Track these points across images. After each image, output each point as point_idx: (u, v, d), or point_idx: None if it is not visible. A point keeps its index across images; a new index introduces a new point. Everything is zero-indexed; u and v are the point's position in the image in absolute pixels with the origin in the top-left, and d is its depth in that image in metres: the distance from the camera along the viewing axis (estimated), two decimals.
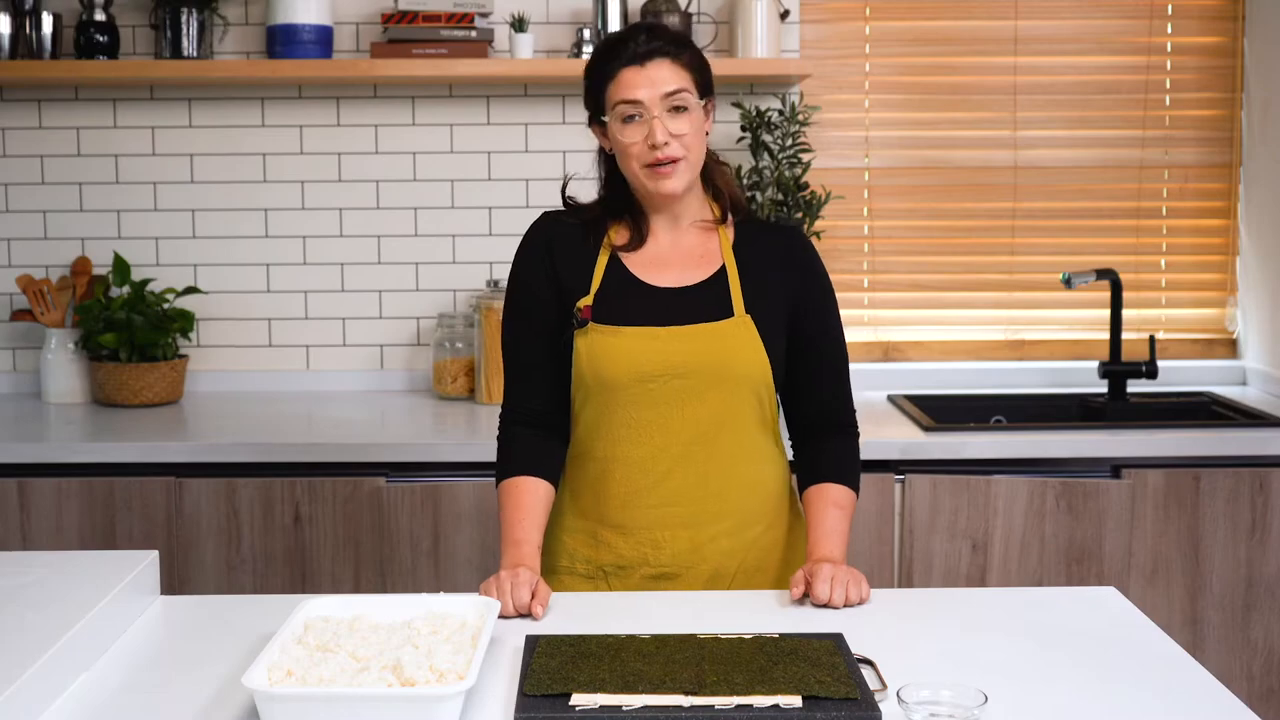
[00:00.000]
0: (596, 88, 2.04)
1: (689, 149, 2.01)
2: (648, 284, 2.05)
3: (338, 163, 3.53)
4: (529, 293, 2.10)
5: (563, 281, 2.07)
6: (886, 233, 3.62)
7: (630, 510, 2.04)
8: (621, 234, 2.10)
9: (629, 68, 2.00)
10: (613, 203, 2.11)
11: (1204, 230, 3.65)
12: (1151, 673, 1.65)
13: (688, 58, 2.03)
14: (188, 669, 1.66)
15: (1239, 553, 2.93)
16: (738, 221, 2.13)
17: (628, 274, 2.06)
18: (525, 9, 3.45)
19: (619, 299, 2.04)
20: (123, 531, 2.90)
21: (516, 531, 2.01)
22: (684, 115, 2.00)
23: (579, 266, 2.07)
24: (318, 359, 3.58)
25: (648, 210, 2.09)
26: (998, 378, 3.58)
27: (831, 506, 2.05)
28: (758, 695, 1.50)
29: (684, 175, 2.02)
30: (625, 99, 1.99)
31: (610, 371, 2.01)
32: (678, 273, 2.07)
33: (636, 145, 2.00)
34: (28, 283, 3.43)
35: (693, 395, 2.01)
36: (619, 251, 2.07)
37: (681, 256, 2.08)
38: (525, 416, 2.10)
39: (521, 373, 2.11)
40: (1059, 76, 3.60)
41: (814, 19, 3.56)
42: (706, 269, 2.07)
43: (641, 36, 2.01)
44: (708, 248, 2.09)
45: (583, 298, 2.04)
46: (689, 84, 2.01)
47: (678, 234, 2.09)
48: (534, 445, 2.08)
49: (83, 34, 3.36)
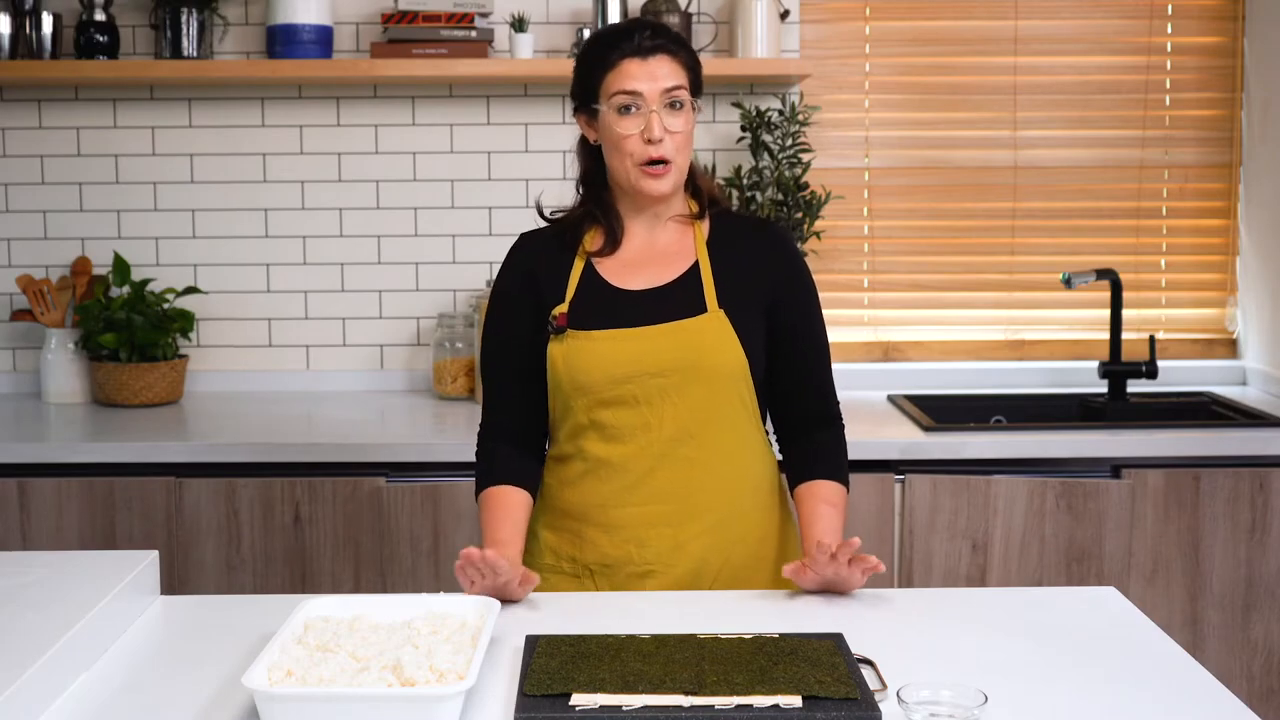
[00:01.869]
0: (592, 76, 2.05)
1: (681, 150, 2.03)
2: (621, 289, 2.07)
3: (338, 163, 3.53)
4: (508, 313, 2.12)
5: (541, 296, 2.09)
6: (886, 233, 3.62)
7: (614, 509, 2.04)
8: (596, 239, 2.11)
9: (632, 59, 2.01)
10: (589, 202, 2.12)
11: (1204, 230, 3.65)
12: (1151, 673, 1.65)
13: (686, 57, 2.06)
14: (188, 669, 1.66)
15: (1239, 553, 2.93)
16: (714, 214, 2.14)
17: (601, 281, 2.07)
18: (525, 9, 3.45)
19: (593, 306, 2.05)
20: (123, 531, 2.90)
21: (499, 533, 2.03)
22: (680, 113, 2.02)
23: (556, 277, 2.09)
24: (318, 359, 3.58)
25: (623, 211, 2.10)
26: (998, 378, 3.58)
27: (823, 504, 2.06)
28: (758, 695, 1.50)
29: (673, 179, 2.04)
30: (626, 89, 2.00)
31: (586, 376, 2.02)
32: (651, 273, 2.08)
33: (632, 138, 2.01)
34: (28, 283, 3.43)
35: (672, 393, 2.01)
36: (593, 258, 2.09)
37: (655, 256, 2.09)
38: (504, 434, 2.12)
39: (499, 392, 2.13)
40: (1059, 76, 3.60)
41: (814, 19, 3.56)
42: (680, 266, 2.08)
43: (646, 31, 2.03)
44: (683, 245, 2.10)
45: (558, 305, 2.06)
46: (686, 82, 2.04)
47: (654, 231, 2.11)
48: (512, 459, 2.10)
49: (83, 34, 3.36)
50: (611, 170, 2.07)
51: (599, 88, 2.04)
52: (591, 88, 2.05)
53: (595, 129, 2.07)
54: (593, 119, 2.07)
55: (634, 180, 2.03)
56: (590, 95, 2.06)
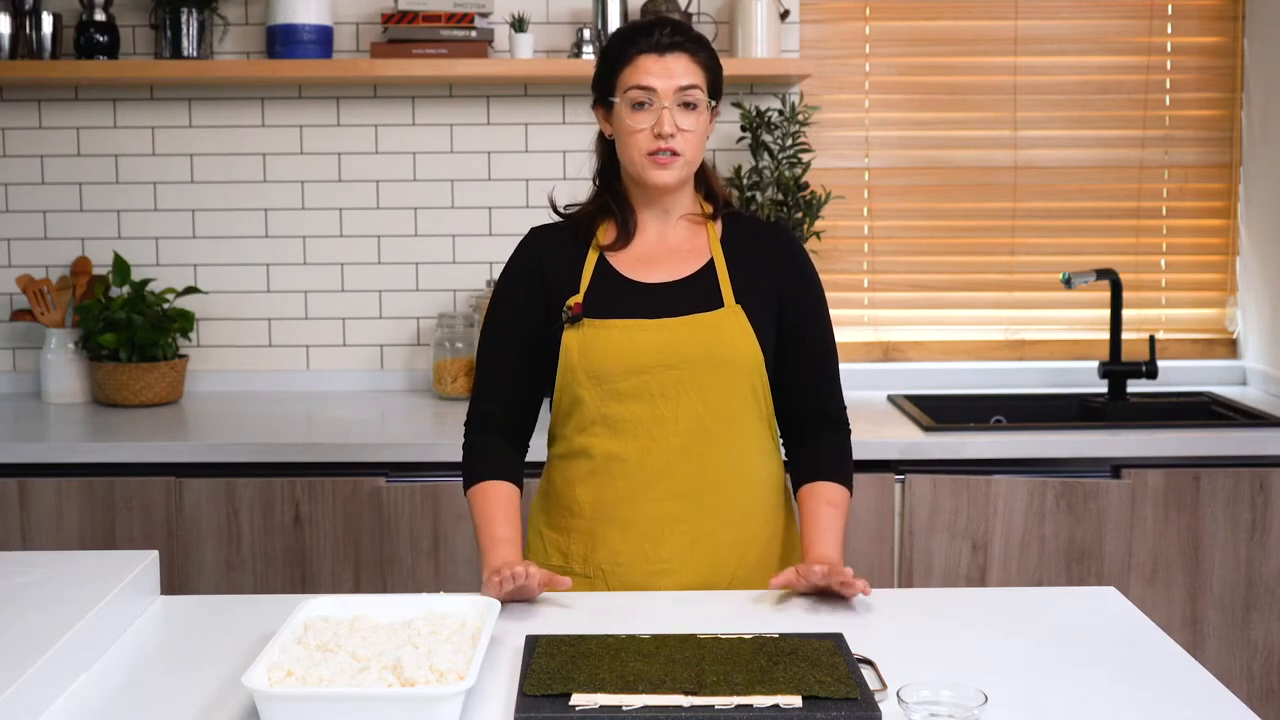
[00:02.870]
0: (611, 69, 2.06)
1: (690, 147, 2.03)
2: (636, 281, 2.07)
3: (338, 163, 3.53)
4: (514, 303, 2.11)
5: (551, 289, 2.08)
6: (886, 233, 3.62)
7: (628, 506, 2.03)
8: (609, 232, 2.11)
9: (649, 55, 2.02)
10: (604, 195, 2.12)
11: (1204, 230, 3.65)
12: (1151, 673, 1.65)
13: (705, 58, 2.06)
14: (188, 669, 1.66)
15: (1239, 553, 2.93)
16: (725, 216, 2.14)
17: (615, 273, 2.08)
18: (525, 9, 3.45)
19: (608, 296, 2.05)
20: (123, 531, 2.90)
21: (497, 531, 2.02)
22: (693, 113, 2.03)
23: (568, 270, 2.09)
24: (318, 359, 3.58)
25: (636, 206, 2.11)
26: (998, 378, 3.58)
27: (826, 505, 2.06)
28: (758, 695, 1.50)
29: (679, 171, 2.04)
30: (640, 84, 2.01)
31: (603, 364, 2.01)
32: (666, 268, 2.08)
33: (642, 133, 2.01)
34: (28, 283, 3.43)
35: (688, 386, 2.01)
36: (606, 251, 2.09)
37: (669, 253, 2.09)
38: (491, 424, 2.12)
39: (493, 378, 2.13)
40: (1059, 76, 3.60)
41: (814, 19, 3.56)
42: (695, 263, 2.08)
43: (667, 28, 2.04)
44: (695, 243, 2.10)
45: (572, 296, 2.05)
46: (702, 83, 2.04)
47: (665, 229, 2.11)
48: (498, 452, 2.11)
49: (83, 34, 3.36)
50: (622, 163, 2.08)
51: (616, 81, 2.05)
52: (609, 81, 2.06)
53: (611, 123, 2.08)
54: (609, 112, 2.08)
55: (640, 169, 2.03)
56: (607, 89, 2.07)
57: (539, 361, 2.09)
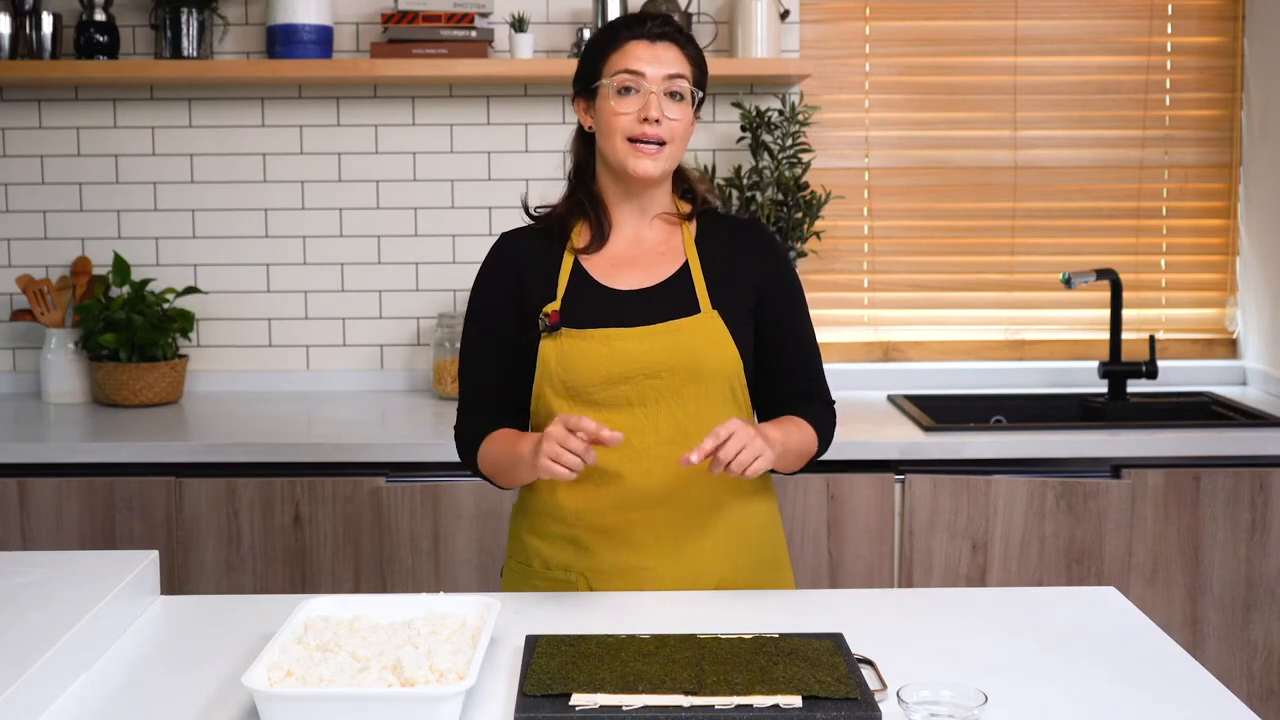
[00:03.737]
0: (598, 55, 2.05)
1: (675, 137, 2.01)
2: (611, 288, 2.05)
3: (338, 163, 3.53)
4: (489, 314, 2.09)
5: (527, 296, 2.06)
6: (886, 233, 3.62)
7: (611, 515, 2.01)
8: (584, 235, 2.09)
9: (639, 41, 2.02)
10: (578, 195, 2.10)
11: (1204, 230, 3.65)
12: (1151, 673, 1.65)
13: (693, 52, 2.06)
14: (188, 669, 1.66)
15: (1239, 553, 2.93)
16: (699, 213, 2.13)
17: (591, 280, 2.05)
18: (525, 9, 3.45)
19: (584, 304, 2.03)
20: (123, 531, 2.90)
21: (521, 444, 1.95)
22: (679, 104, 2.02)
23: (544, 275, 2.07)
24: (318, 359, 3.58)
25: (612, 203, 2.09)
26: (998, 378, 3.58)
27: (790, 421, 2.05)
28: (758, 695, 1.50)
29: (662, 163, 2.02)
30: (629, 68, 2.00)
31: (581, 375, 2.00)
32: (640, 273, 2.06)
33: (627, 117, 2.00)
34: (28, 283, 3.43)
35: (667, 395, 2.00)
36: (580, 255, 2.07)
37: (644, 255, 2.08)
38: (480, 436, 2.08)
39: (477, 393, 2.10)
40: (1059, 76, 3.60)
41: (814, 19, 3.56)
42: (669, 266, 2.07)
43: (658, 19, 2.04)
44: (670, 244, 2.09)
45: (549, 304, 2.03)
46: (689, 75, 2.03)
47: (641, 229, 2.09)
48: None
49: (83, 34, 3.37)
50: (601, 153, 2.06)
51: (603, 66, 2.03)
52: (595, 67, 2.05)
53: (592, 114, 2.06)
54: (591, 103, 2.06)
55: (622, 158, 2.01)
56: (593, 75, 2.05)
57: (523, 370, 2.06)
